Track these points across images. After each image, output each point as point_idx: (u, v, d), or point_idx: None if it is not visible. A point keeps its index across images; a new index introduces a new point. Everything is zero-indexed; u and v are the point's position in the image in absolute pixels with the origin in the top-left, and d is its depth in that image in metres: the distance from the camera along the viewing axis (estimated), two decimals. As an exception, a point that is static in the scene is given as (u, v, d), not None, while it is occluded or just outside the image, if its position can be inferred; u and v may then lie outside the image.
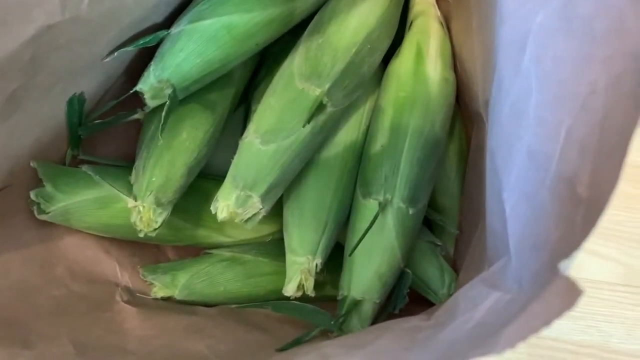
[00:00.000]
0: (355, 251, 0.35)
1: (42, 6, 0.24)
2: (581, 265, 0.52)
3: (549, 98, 0.17)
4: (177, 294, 0.37)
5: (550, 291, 0.14)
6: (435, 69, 0.38)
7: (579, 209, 0.14)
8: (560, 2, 0.17)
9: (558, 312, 0.12)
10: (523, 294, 0.16)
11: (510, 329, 0.13)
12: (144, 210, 0.33)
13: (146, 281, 0.38)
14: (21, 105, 0.28)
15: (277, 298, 0.37)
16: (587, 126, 0.15)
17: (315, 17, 0.38)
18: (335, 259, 0.37)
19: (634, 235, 0.52)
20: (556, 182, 0.16)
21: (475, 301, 0.19)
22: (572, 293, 0.12)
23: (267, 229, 0.41)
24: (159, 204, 0.33)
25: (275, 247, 0.40)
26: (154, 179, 0.33)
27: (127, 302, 0.35)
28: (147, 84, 0.33)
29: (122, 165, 0.37)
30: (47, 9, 0.24)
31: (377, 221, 0.35)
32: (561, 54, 0.17)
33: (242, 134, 0.41)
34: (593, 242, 0.53)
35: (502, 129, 0.20)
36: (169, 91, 0.33)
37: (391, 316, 0.36)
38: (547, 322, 0.13)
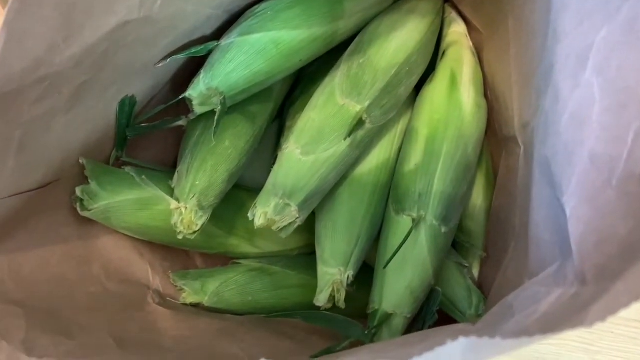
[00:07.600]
0: (388, 266, 0.35)
1: (123, 2, 0.25)
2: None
3: (614, 104, 0.18)
4: (206, 300, 0.37)
5: (631, 274, 0.14)
6: (468, 95, 0.39)
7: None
8: (625, 18, 0.18)
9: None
10: (589, 288, 0.17)
11: (597, 306, 0.14)
12: (185, 212, 0.33)
13: (176, 286, 0.38)
14: (82, 99, 0.29)
15: (303, 310, 0.38)
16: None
17: (357, 38, 0.39)
18: (358, 276, 0.38)
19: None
20: (624, 181, 0.17)
21: (535, 299, 0.19)
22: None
23: (294, 243, 0.42)
24: (200, 207, 0.34)
25: (301, 261, 0.41)
26: (197, 182, 0.34)
27: (158, 304, 0.35)
28: (196, 91, 0.34)
29: (161, 170, 0.38)
30: (128, 4, 0.25)
31: (410, 237, 0.35)
32: (625, 64, 0.18)
33: (274, 148, 0.42)
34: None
35: (560, 138, 0.21)
36: (216, 99, 0.34)
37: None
38: (635, 299, 0.13)
